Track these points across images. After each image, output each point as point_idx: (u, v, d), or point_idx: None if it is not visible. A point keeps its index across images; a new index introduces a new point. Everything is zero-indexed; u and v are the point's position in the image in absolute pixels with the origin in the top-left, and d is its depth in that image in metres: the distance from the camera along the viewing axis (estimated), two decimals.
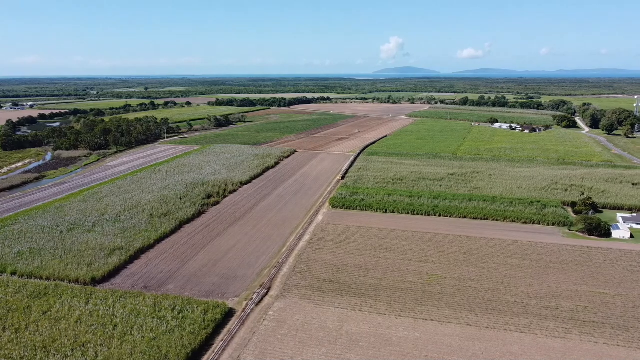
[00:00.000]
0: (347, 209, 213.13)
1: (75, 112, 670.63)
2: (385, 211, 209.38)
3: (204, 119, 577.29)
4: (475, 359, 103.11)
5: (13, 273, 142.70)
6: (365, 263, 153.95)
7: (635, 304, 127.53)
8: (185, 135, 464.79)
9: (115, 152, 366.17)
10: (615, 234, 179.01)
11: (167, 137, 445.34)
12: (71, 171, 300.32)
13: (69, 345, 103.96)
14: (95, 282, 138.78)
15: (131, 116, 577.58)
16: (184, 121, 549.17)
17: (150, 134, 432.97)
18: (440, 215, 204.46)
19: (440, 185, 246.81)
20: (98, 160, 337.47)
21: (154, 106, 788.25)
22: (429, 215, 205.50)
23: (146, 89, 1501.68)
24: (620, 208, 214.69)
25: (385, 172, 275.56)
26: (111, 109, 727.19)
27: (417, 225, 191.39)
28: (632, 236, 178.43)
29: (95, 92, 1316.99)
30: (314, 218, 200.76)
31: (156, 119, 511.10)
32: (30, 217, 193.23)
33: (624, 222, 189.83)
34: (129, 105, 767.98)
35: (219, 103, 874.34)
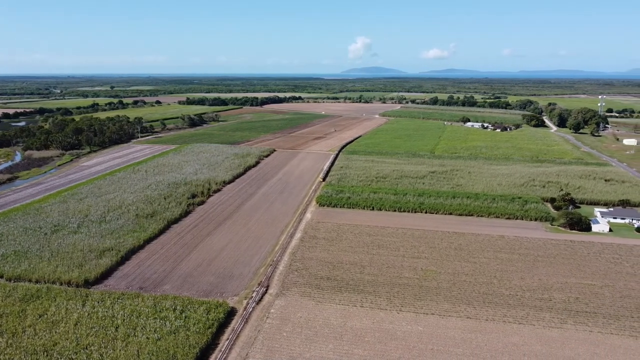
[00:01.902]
0: (334, 207, 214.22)
1: (41, 111, 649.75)
2: (372, 209, 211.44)
3: (177, 118, 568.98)
4: (479, 351, 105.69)
5: (0, 276, 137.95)
6: (360, 260, 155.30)
7: (623, 294, 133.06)
8: (160, 135, 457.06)
9: (89, 152, 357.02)
10: (595, 228, 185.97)
11: (141, 137, 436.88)
12: (45, 172, 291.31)
13: (71, 349, 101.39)
14: (88, 284, 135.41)
15: (100, 115, 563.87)
16: (157, 120, 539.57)
17: (123, 133, 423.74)
18: (426, 212, 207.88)
19: (423, 183, 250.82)
20: (72, 160, 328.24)
21: (123, 105, 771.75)
22: (415, 212, 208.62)
23: (112, 87, 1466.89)
24: (596, 203, 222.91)
25: (367, 171, 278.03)
26: (78, 108, 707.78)
27: (405, 222, 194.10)
28: (610, 230, 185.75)
29: (59, 91, 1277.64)
30: (303, 216, 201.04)
31: (128, 118, 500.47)
32: (9, 218, 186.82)
33: (602, 217, 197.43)
34: (97, 104, 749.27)
35: (189, 102, 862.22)
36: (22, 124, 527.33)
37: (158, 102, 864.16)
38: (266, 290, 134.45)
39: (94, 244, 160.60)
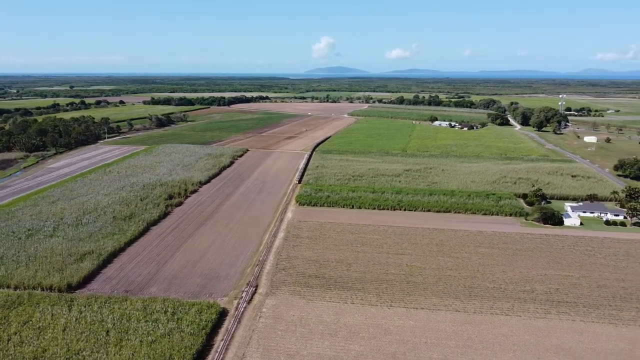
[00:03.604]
0: (314, 206, 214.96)
1: None
2: (352, 207, 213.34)
3: (145, 118, 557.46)
4: (471, 342, 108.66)
5: None
6: (345, 257, 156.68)
7: (599, 284, 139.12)
8: (127, 135, 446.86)
9: (55, 154, 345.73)
10: (567, 221, 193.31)
11: (108, 138, 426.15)
12: (10, 174, 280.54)
13: (62, 355, 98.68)
14: (71, 288, 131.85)
15: (62, 116, 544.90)
16: (124, 120, 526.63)
17: (90, 134, 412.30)
18: (405, 210, 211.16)
19: (400, 181, 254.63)
20: (37, 162, 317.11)
21: (85, 105, 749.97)
22: (394, 209, 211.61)
23: (72, 87, 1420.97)
24: (565, 198, 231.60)
25: (343, 170, 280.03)
26: (38, 108, 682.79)
27: (385, 220, 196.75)
28: (581, 223, 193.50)
29: (15, 91, 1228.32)
30: (284, 215, 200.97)
31: (93, 118, 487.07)
32: None
33: (573, 211, 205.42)
34: (58, 105, 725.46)
35: (155, 102, 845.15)
36: None
37: (122, 102, 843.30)
38: (255, 290, 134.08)
39: (72, 247, 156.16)
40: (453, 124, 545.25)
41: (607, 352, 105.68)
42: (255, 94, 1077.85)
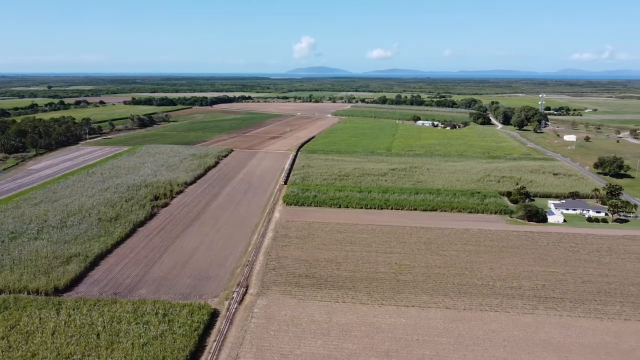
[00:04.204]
0: (301, 205, 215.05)
1: None
2: (340, 206, 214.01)
3: (126, 118, 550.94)
4: (462, 339, 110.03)
5: None
6: (335, 257, 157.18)
7: (584, 280, 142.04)
8: (109, 136, 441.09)
9: (36, 155, 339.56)
10: (551, 219, 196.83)
11: (90, 138, 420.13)
12: None
13: (52, 359, 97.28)
14: (58, 291, 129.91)
15: (41, 116, 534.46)
16: (105, 121, 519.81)
17: (70, 135, 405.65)
18: (392, 209, 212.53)
19: (385, 180, 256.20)
20: (17, 164, 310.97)
21: (64, 106, 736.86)
22: (381, 208, 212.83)
23: (50, 87, 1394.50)
24: (548, 196, 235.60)
25: (329, 169, 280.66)
26: (16, 108, 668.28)
27: (373, 219, 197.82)
28: (565, 220, 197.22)
29: None
30: (271, 216, 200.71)
31: (74, 119, 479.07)
32: None
33: (556, 209, 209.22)
34: (36, 105, 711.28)
35: (136, 102, 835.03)
36: None
37: (102, 103, 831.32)
38: (246, 290, 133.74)
39: (58, 250, 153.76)
40: (436, 123, 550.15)
41: (594, 345, 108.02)
42: (237, 94, 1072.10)
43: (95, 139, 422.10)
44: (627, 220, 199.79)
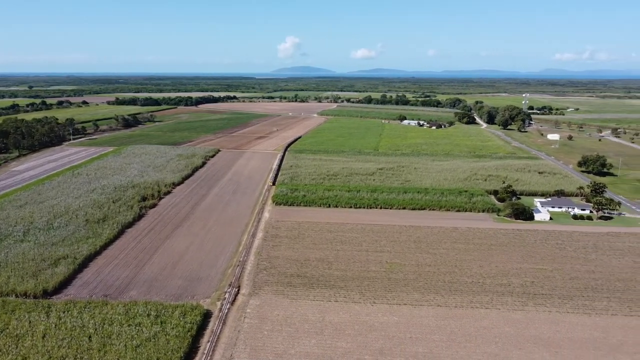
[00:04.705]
0: (290, 205, 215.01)
1: None
2: (329, 206, 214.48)
3: (111, 118, 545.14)
4: (455, 336, 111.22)
5: None
6: (325, 256, 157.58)
7: (571, 276, 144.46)
8: (94, 137, 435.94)
9: (19, 156, 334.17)
10: (537, 217, 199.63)
11: (74, 139, 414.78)
12: None
13: None
14: (47, 294, 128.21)
15: (23, 117, 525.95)
16: (89, 121, 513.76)
17: (54, 135, 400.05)
18: (381, 208, 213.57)
19: (374, 180, 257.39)
20: (0, 165, 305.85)
21: (46, 106, 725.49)
22: (370, 208, 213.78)
23: (31, 87, 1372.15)
24: (534, 194, 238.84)
25: (317, 169, 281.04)
26: None
27: (362, 218, 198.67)
28: (551, 218, 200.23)
29: None
30: (261, 215, 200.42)
31: (57, 119, 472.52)
32: None
33: (542, 206, 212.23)
34: (17, 105, 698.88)
35: (120, 102, 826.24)
36: None
37: (85, 103, 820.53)
38: (238, 290, 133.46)
39: (45, 252, 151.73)
40: (422, 122, 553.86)
41: (583, 340, 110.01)
42: (222, 94, 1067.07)
43: (80, 139, 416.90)
44: (611, 218, 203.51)
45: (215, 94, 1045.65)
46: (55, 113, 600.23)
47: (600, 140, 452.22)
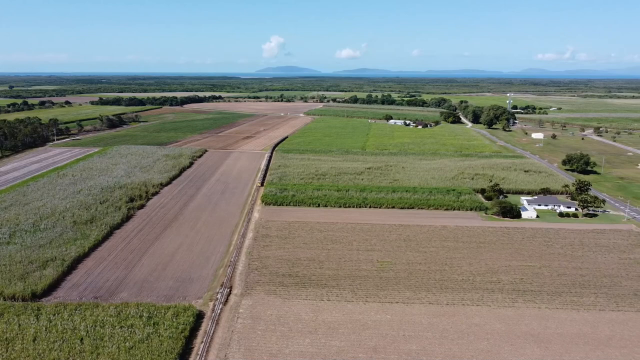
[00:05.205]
0: (280, 205, 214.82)
1: None
2: (318, 205, 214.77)
3: (95, 119, 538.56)
4: (447, 333, 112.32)
5: None
6: (316, 256, 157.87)
7: (559, 273, 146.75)
8: (78, 137, 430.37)
9: (1, 157, 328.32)
10: (524, 215, 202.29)
11: (57, 140, 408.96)
12: None
13: None
14: (36, 296, 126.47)
15: (4, 117, 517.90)
16: (72, 122, 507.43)
17: (37, 136, 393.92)
18: (370, 207, 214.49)
19: (362, 179, 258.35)
20: None
21: (28, 106, 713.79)
22: (360, 207, 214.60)
23: (11, 87, 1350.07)
24: (520, 192, 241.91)
25: (306, 169, 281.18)
26: None
27: (352, 217, 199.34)
28: (537, 216, 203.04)
29: None
30: (251, 216, 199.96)
31: (40, 119, 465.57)
32: None
33: (529, 204, 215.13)
34: None
35: (103, 102, 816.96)
36: None
37: (68, 103, 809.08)
38: (230, 291, 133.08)
39: (32, 254, 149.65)
40: (408, 122, 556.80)
41: (572, 335, 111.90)
42: (207, 94, 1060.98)
43: (64, 140, 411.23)
44: (596, 215, 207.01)
45: (201, 94, 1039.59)
46: (38, 113, 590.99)
47: (583, 139, 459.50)
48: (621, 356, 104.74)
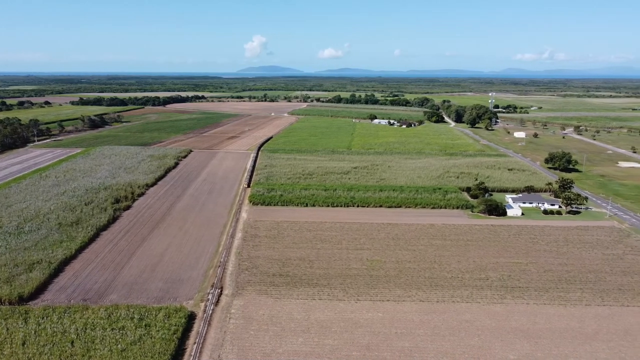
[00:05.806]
0: (267, 205, 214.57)
1: None
2: (306, 205, 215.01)
3: (76, 119, 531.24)
4: (439, 330, 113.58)
5: None
6: (306, 255, 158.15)
7: (546, 269, 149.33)
8: (59, 138, 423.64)
9: None
10: (510, 212, 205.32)
11: (38, 141, 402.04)
12: None
13: None
14: (23, 300, 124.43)
15: None
16: (53, 122, 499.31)
17: (17, 137, 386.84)
18: (358, 206, 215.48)
19: (349, 178, 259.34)
20: None
21: (6, 106, 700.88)
22: (348, 206, 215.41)
23: None
24: (505, 190, 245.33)
25: (293, 168, 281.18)
26: None
27: (340, 216, 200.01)
28: (522, 214, 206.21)
29: None
30: (239, 216, 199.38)
31: (19, 120, 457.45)
32: None
33: (514, 202, 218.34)
34: None
35: (84, 102, 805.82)
36: None
37: (48, 103, 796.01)
38: (221, 291, 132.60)
39: (18, 257, 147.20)
40: (392, 121, 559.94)
41: (560, 330, 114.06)
42: (190, 94, 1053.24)
43: (45, 141, 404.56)
44: (579, 212, 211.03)
45: (183, 94, 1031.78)
46: (17, 114, 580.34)
47: (564, 137, 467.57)
48: (608, 349, 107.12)
